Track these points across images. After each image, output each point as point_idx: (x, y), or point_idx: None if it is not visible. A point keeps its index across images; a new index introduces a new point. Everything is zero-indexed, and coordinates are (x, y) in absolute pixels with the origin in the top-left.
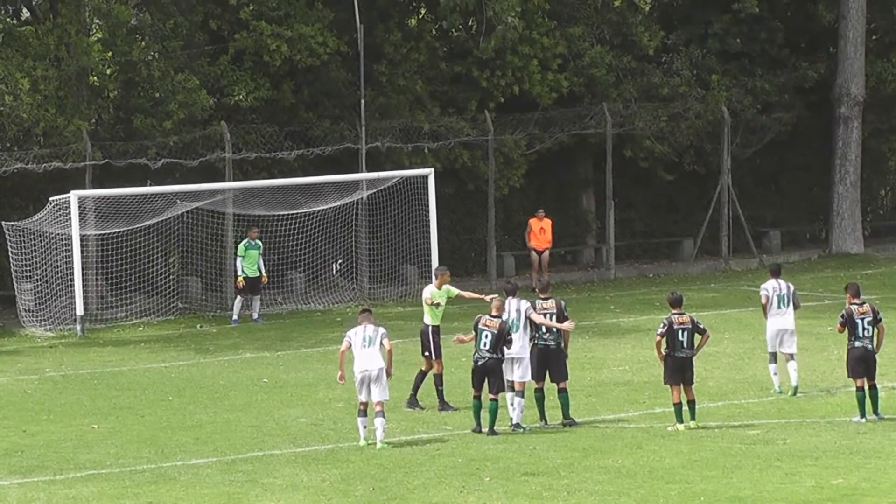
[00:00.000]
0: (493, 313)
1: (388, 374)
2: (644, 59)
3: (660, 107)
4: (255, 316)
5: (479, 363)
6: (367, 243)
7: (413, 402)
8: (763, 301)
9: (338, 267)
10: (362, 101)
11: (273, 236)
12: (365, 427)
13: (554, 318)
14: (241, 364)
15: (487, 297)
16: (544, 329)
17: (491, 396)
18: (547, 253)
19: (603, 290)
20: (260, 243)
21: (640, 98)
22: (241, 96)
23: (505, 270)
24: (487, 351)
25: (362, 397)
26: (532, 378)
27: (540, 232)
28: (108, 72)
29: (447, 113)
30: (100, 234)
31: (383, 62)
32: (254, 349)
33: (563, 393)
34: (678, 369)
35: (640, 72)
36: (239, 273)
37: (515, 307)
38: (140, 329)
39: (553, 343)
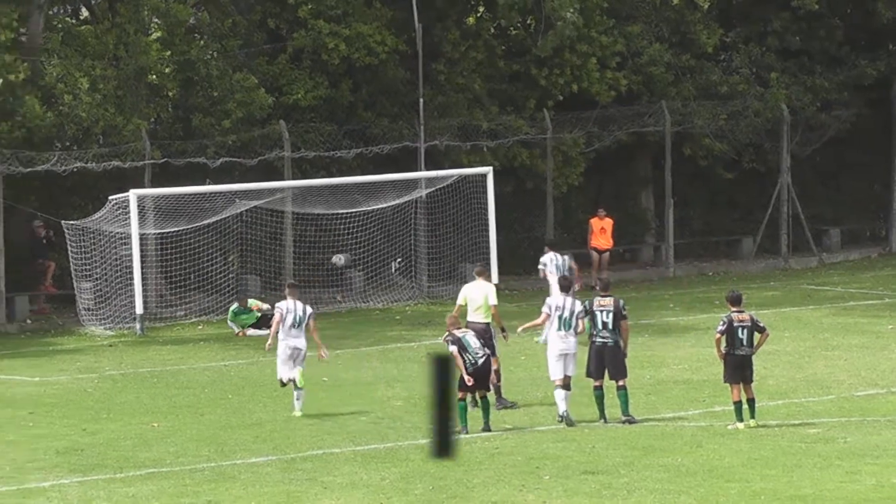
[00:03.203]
0: (452, 328)
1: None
2: (703, 57)
3: (719, 105)
4: None
5: (481, 363)
6: (426, 242)
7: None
8: (542, 274)
9: (397, 265)
10: (420, 100)
11: (332, 235)
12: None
13: (610, 315)
14: None
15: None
16: (600, 325)
17: (481, 394)
18: (607, 253)
19: (662, 289)
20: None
21: (698, 96)
22: (299, 95)
23: (563, 269)
24: (484, 354)
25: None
26: (590, 376)
27: (601, 232)
28: (167, 71)
29: (505, 111)
30: (159, 233)
31: (441, 61)
32: (312, 347)
33: (622, 391)
34: (738, 367)
35: (698, 70)
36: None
37: (570, 305)
38: (199, 328)
39: (610, 341)
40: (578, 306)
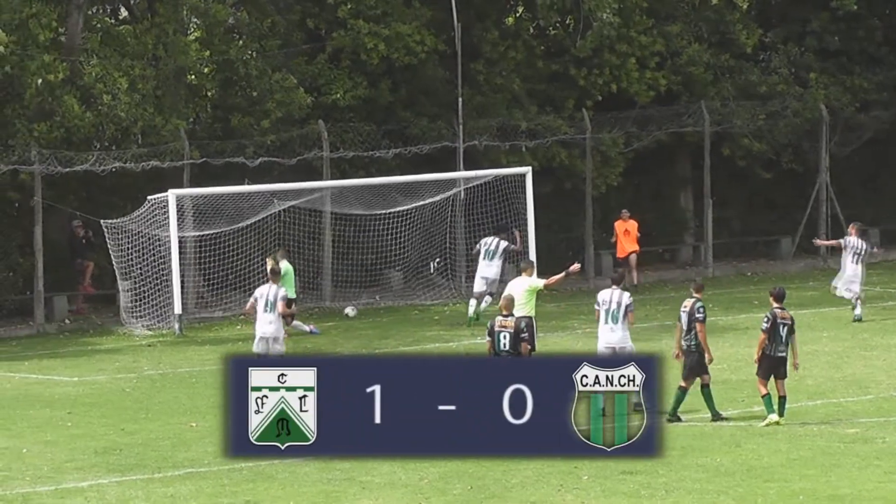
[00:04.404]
0: (504, 312)
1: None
2: (742, 57)
3: (758, 105)
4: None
5: None
6: (464, 242)
7: None
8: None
9: (435, 265)
10: (460, 100)
11: (370, 235)
12: None
13: (686, 317)
14: None
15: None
16: (683, 327)
17: None
18: (634, 254)
19: None
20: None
21: (737, 96)
22: (338, 95)
23: (603, 269)
24: (507, 351)
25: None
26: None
27: (625, 234)
28: (206, 71)
29: (544, 111)
30: (198, 233)
31: (480, 61)
32: (351, 347)
33: (680, 390)
34: (772, 366)
35: (737, 70)
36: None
37: (616, 298)
38: (238, 327)
39: (684, 344)
40: (627, 299)
